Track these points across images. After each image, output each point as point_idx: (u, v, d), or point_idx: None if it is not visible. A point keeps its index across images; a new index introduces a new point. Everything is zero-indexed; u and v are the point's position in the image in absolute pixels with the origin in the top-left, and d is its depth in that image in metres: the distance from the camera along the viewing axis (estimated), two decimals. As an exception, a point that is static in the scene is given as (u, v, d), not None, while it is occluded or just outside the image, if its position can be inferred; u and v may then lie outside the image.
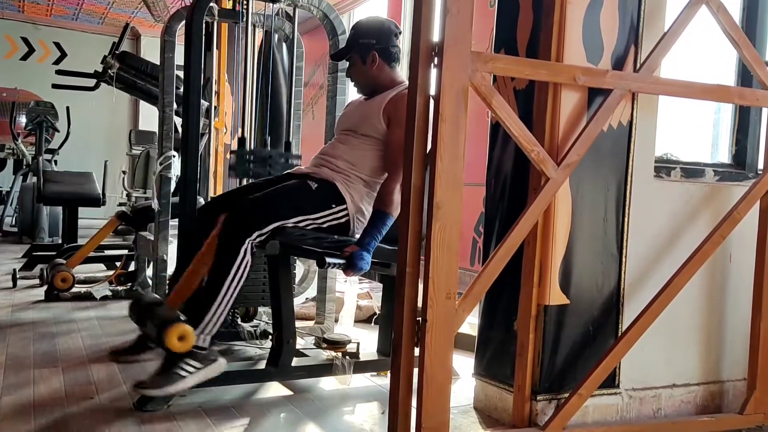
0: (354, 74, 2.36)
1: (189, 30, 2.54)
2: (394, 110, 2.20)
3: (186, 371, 1.95)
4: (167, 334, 1.92)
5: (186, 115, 2.54)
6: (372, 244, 2.04)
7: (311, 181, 2.20)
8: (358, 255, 1.99)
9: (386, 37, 2.31)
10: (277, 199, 2.14)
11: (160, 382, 1.94)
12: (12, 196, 7.03)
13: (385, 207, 2.10)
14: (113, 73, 4.19)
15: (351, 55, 2.34)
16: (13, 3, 8.47)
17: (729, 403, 2.15)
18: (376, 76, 2.32)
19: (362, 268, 1.99)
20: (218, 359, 2.03)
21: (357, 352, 2.33)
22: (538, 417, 1.87)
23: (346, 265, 2.00)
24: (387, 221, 2.08)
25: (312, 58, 6.52)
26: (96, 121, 9.05)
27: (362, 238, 2.06)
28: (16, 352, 2.57)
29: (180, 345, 1.93)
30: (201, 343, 1.99)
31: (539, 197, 1.73)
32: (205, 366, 1.98)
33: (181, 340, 1.94)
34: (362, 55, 2.30)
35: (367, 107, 2.32)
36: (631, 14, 1.91)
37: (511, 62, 1.77)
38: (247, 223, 2.04)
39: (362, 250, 2.01)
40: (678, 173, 2.08)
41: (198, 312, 2.01)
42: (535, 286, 1.85)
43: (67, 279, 3.65)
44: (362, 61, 2.31)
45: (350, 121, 2.35)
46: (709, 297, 2.12)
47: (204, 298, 2.03)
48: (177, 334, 1.93)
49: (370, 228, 2.07)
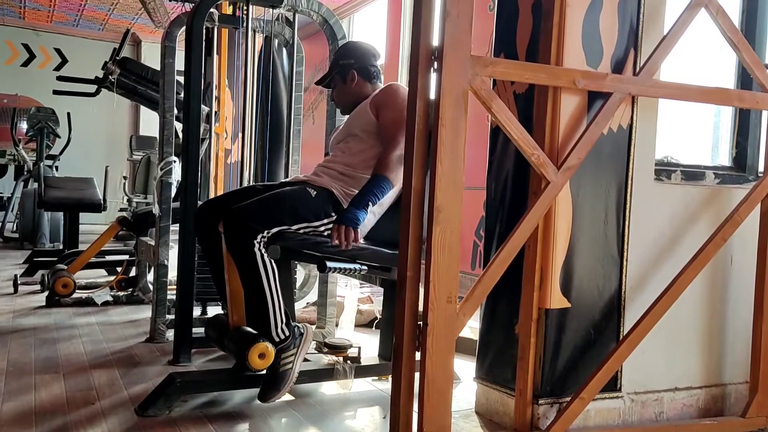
0: (337, 95, 2.47)
1: (189, 35, 2.55)
2: (379, 99, 2.27)
3: (288, 363, 2.06)
4: (249, 358, 2.00)
5: (186, 121, 2.54)
6: (363, 202, 2.04)
7: (310, 188, 2.20)
8: (349, 211, 2.01)
9: (364, 57, 2.41)
10: (276, 203, 2.13)
11: (277, 385, 2.05)
12: (13, 202, 7.04)
13: (382, 170, 2.09)
14: (114, 79, 4.20)
15: (333, 77, 2.43)
16: (14, 9, 8.49)
17: (731, 407, 2.15)
18: (357, 93, 2.39)
19: (352, 222, 1.99)
20: (305, 330, 2.15)
21: (358, 357, 2.32)
22: (539, 421, 1.86)
23: (336, 221, 2.02)
24: (382, 184, 2.07)
25: (312, 63, 6.52)
26: (97, 127, 9.07)
27: (355, 197, 2.07)
28: (17, 358, 2.57)
29: (262, 362, 2.01)
30: (282, 336, 2.06)
31: (540, 201, 1.73)
32: (299, 346, 2.10)
33: (262, 357, 2.01)
34: (342, 75, 2.40)
35: (354, 114, 2.37)
36: (630, 17, 1.92)
37: (511, 66, 1.77)
38: (248, 228, 2.03)
39: (353, 206, 2.03)
40: (678, 176, 2.08)
41: (262, 323, 2.06)
42: (536, 289, 1.85)
43: (68, 284, 3.65)
44: (342, 80, 2.41)
45: (342, 132, 2.39)
46: (711, 300, 2.12)
47: (257, 313, 2.08)
48: (257, 353, 2.00)
49: (365, 189, 2.07)
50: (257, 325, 2.08)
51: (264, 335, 2.04)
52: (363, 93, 2.39)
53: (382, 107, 2.25)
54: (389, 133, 2.19)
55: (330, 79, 2.44)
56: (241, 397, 2.18)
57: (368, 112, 2.27)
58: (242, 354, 2.00)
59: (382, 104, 2.25)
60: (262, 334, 2.05)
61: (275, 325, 2.06)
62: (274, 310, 2.06)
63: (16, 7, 8.41)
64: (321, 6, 2.88)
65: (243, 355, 2.00)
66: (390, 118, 2.20)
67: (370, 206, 2.06)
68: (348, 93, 2.42)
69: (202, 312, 3.09)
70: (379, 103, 2.27)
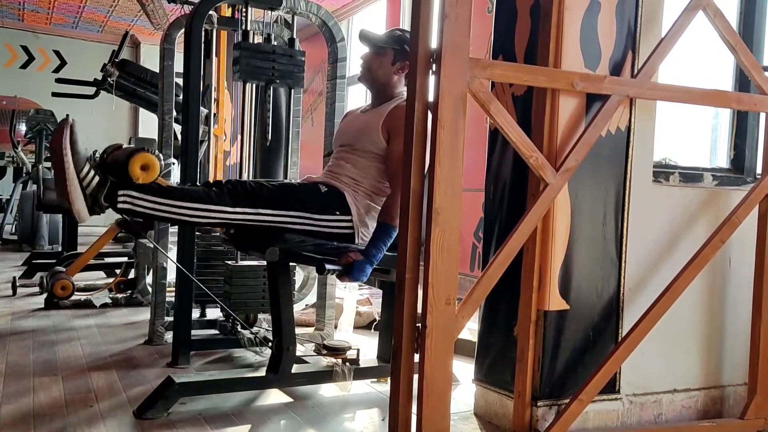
0: (374, 65, 2.28)
1: (188, 38, 2.55)
2: (392, 123, 2.17)
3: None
4: (132, 162, 1.89)
5: (185, 123, 2.55)
6: (377, 256, 2.01)
7: (322, 185, 2.19)
8: (360, 266, 1.97)
9: None
10: (284, 190, 2.12)
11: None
12: (12, 204, 7.03)
13: (390, 219, 2.06)
14: (113, 81, 4.20)
15: (387, 49, 2.26)
16: (13, 11, 8.49)
17: (730, 408, 2.15)
18: (393, 81, 2.28)
19: (359, 278, 1.99)
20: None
21: (357, 359, 2.32)
22: (538, 423, 1.86)
23: (344, 272, 1.98)
24: (392, 233, 2.05)
25: (311, 65, 6.53)
26: (96, 129, 9.04)
27: (368, 248, 2.03)
28: (15, 360, 2.57)
29: (143, 175, 1.92)
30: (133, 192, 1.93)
31: (538, 202, 1.73)
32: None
33: (144, 170, 1.92)
34: (398, 56, 2.25)
35: (365, 121, 2.28)
36: (628, 20, 1.92)
37: (509, 68, 1.78)
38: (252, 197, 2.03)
39: (366, 261, 1.99)
40: (677, 178, 2.08)
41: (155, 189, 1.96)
42: (535, 291, 1.85)
43: (66, 287, 3.65)
44: (393, 60, 2.26)
45: (348, 135, 2.32)
46: (709, 301, 2.12)
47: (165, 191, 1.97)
48: (140, 163, 1.91)
49: (376, 239, 2.04)
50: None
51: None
52: (396, 86, 2.28)
53: (393, 135, 2.17)
54: (397, 168, 2.09)
55: (383, 49, 2.26)
56: (240, 399, 2.18)
57: (380, 135, 2.19)
58: (127, 160, 1.90)
59: (394, 132, 2.16)
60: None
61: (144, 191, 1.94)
62: (161, 204, 1.94)
63: (15, 9, 8.41)
64: (320, 8, 2.88)
65: (127, 161, 1.90)
66: (399, 153, 2.14)
67: (380, 256, 2.03)
68: (387, 74, 2.27)
69: (201, 314, 3.09)
70: (391, 129, 2.18)
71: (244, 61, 2.54)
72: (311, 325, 3.15)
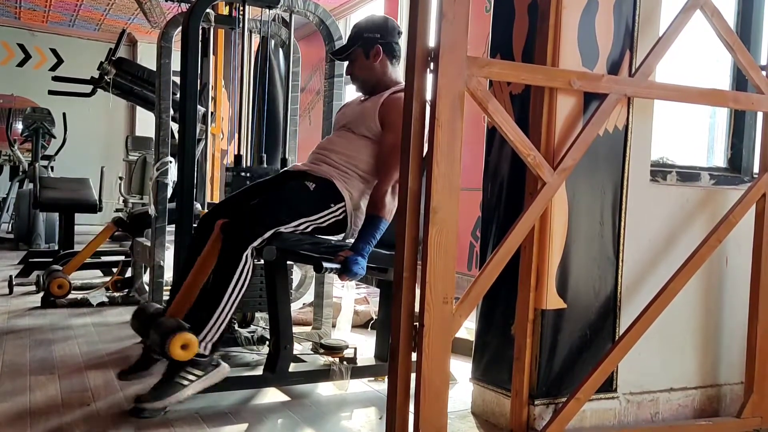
0: (356, 70, 2.31)
1: (185, 36, 2.55)
2: (387, 113, 2.19)
3: (187, 380, 1.95)
4: (171, 343, 1.90)
5: (182, 121, 2.54)
6: (366, 249, 2.03)
7: (309, 182, 2.19)
8: (353, 260, 1.99)
9: (390, 32, 2.29)
10: (277, 204, 2.13)
11: (161, 394, 1.94)
12: (8, 203, 7.01)
13: (377, 211, 2.09)
14: (110, 80, 4.19)
15: (354, 50, 2.28)
16: (10, 9, 8.46)
17: (726, 407, 2.16)
18: (379, 72, 2.28)
19: (357, 272, 1.99)
20: (221, 365, 2.02)
21: (354, 358, 2.32)
22: (535, 422, 1.86)
23: (341, 270, 1.99)
24: (380, 225, 2.07)
25: (308, 64, 6.53)
26: (92, 128, 9.05)
27: (356, 243, 2.05)
28: (12, 359, 2.56)
29: (183, 354, 1.92)
30: (203, 351, 1.97)
31: (536, 201, 1.73)
32: (207, 373, 1.98)
33: (185, 348, 1.92)
34: (366, 49, 2.26)
35: (363, 107, 2.30)
36: (626, 19, 1.92)
37: (507, 67, 1.78)
38: (248, 231, 2.04)
39: (356, 255, 2.01)
40: (674, 177, 2.08)
41: (201, 320, 2.00)
42: (532, 290, 1.85)
43: (63, 285, 3.64)
44: (365, 55, 2.27)
45: (347, 119, 2.33)
46: (706, 300, 2.13)
47: (206, 305, 2.02)
48: (180, 343, 1.92)
49: (364, 233, 2.06)
50: (193, 323, 2.00)
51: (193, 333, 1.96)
52: (385, 74, 2.29)
53: (386, 124, 2.18)
54: (386, 159, 2.14)
55: (350, 52, 2.29)
56: (237, 398, 2.18)
57: (375, 120, 2.21)
58: (164, 342, 1.91)
59: (387, 123, 2.17)
60: (191, 331, 1.96)
61: (207, 333, 1.98)
62: (218, 319, 1.99)
63: (12, 8, 8.38)
64: (317, 7, 2.88)
65: (164, 342, 1.91)
66: (391, 143, 2.14)
67: (370, 248, 2.04)
68: (370, 70, 2.28)
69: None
70: (384, 118, 2.19)
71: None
72: (309, 323, 3.15)
